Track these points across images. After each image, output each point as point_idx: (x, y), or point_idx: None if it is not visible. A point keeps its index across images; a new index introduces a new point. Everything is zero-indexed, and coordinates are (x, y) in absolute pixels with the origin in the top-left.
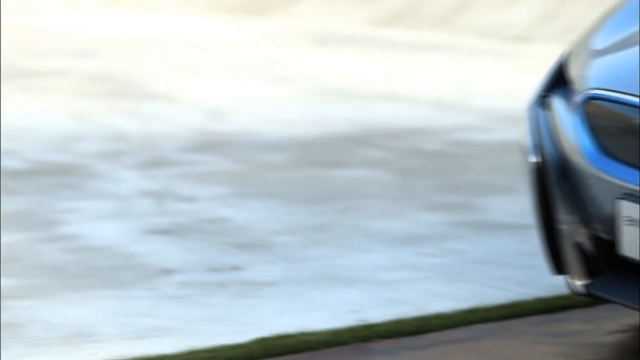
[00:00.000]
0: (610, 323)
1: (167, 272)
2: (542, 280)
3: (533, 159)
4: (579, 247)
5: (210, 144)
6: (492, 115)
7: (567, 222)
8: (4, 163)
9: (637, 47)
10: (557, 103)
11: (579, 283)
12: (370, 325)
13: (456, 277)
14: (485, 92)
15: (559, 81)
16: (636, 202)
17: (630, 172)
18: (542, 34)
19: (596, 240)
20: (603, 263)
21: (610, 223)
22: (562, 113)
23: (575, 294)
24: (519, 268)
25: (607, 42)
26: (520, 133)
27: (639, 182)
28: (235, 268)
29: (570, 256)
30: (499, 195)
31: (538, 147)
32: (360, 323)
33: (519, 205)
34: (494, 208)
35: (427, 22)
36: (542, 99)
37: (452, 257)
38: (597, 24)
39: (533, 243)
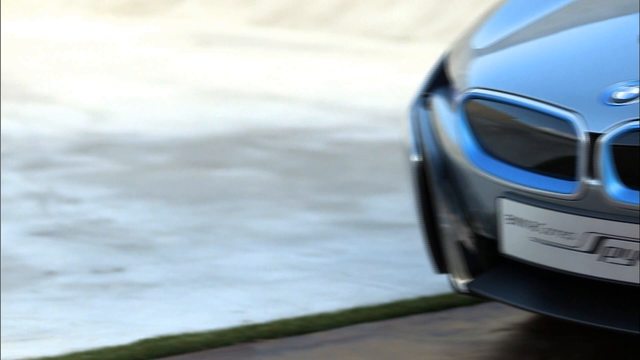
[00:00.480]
0: (493, 321)
1: (49, 274)
2: (425, 279)
3: (414, 158)
4: (461, 246)
5: (92, 145)
6: (375, 115)
7: (449, 221)
8: None
9: (517, 47)
10: (438, 102)
11: (461, 282)
12: (254, 326)
13: (339, 276)
14: (368, 92)
15: (440, 80)
16: (517, 200)
17: (511, 170)
18: (423, 33)
19: (478, 238)
20: (485, 261)
21: (492, 221)
22: (443, 112)
23: (458, 292)
24: (402, 267)
25: (487, 41)
26: (402, 132)
27: (520, 180)
28: (118, 269)
29: (453, 255)
30: (381, 194)
31: (419, 147)
32: (244, 323)
33: (402, 204)
34: (376, 207)
35: (309, 22)
36: (424, 99)
37: (335, 256)
38: (478, 24)
39: (416, 242)
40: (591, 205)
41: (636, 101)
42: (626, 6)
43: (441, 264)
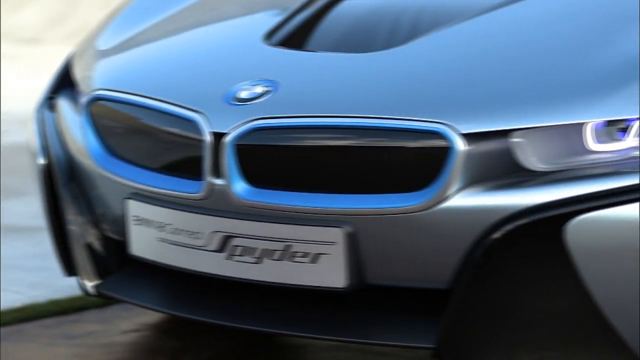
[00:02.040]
0: (124, 322)
1: None
2: (56, 282)
3: (40, 160)
4: (89, 248)
5: None
6: (4, 119)
7: (76, 223)
8: None
9: (142, 47)
10: (63, 104)
11: (90, 284)
12: None
13: None
14: None
15: (65, 82)
16: (143, 201)
17: (137, 171)
18: (53, 35)
19: (106, 240)
20: (114, 263)
21: (120, 223)
22: (69, 114)
23: (87, 295)
24: (33, 270)
25: (111, 42)
26: (29, 135)
27: (146, 181)
28: None
29: (81, 257)
30: (11, 198)
31: (45, 149)
32: None
33: (32, 207)
34: (5, 211)
35: None
36: (49, 101)
37: None
38: (102, 25)
39: (47, 245)
40: (217, 205)
41: (259, 100)
42: (251, 6)
43: (70, 267)
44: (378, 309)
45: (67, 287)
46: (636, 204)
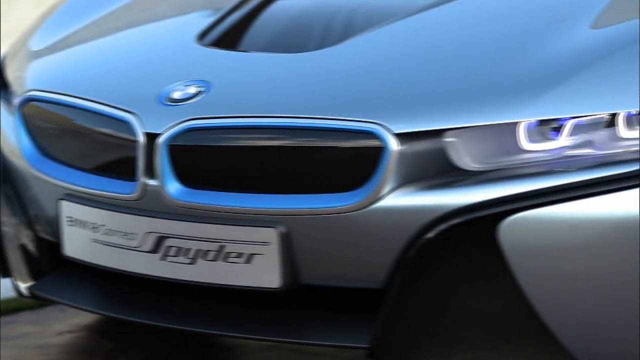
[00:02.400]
0: (59, 324)
1: None
2: None
3: None
4: (23, 249)
5: None
6: None
7: (10, 225)
8: None
9: (75, 47)
10: None
11: (23, 285)
12: None
13: None
14: None
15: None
16: (77, 202)
17: (70, 172)
18: None
19: (40, 241)
20: (48, 264)
21: (54, 224)
22: (2, 115)
23: (22, 296)
24: None
25: (44, 43)
26: None
27: (79, 182)
28: None
29: (14, 258)
30: None
31: None
32: None
33: None
34: None
35: None
36: None
37: None
38: (35, 25)
39: None
40: (151, 205)
41: (193, 100)
42: (184, 6)
43: (4, 268)
44: (313, 309)
45: (2, 288)
46: (568, 203)
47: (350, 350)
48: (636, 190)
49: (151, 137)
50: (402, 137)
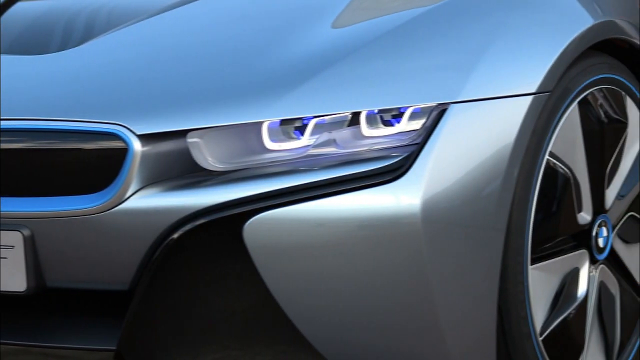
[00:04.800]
0: None
1: None
2: None
3: None
4: None
5: None
6: None
7: None
8: None
9: None
10: None
11: None
12: None
13: None
14: None
15: None
16: None
17: None
18: None
19: None
20: None
21: None
22: None
23: None
24: None
25: None
26: None
27: None
28: None
29: None
30: None
31: None
32: None
33: None
34: None
35: None
36: None
37: None
38: None
39: None
40: None
41: None
42: None
43: None
44: (61, 312)
45: None
46: (313, 202)
47: (99, 353)
48: (379, 188)
49: None
50: (146, 138)
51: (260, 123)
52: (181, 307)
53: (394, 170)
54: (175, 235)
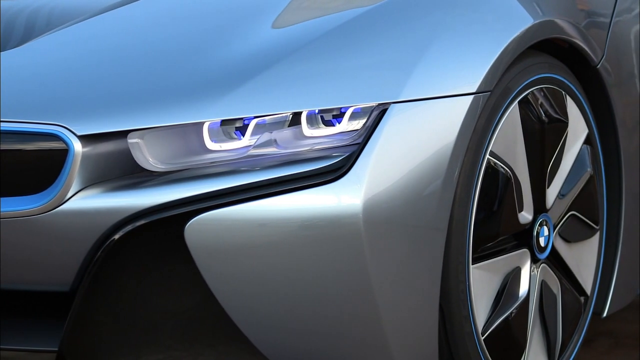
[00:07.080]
0: None
1: None
2: None
3: None
4: None
5: None
6: None
7: None
8: None
9: None
10: None
11: None
12: None
13: None
14: None
15: None
16: None
17: None
18: None
19: None
20: None
21: None
22: None
23: None
24: None
25: None
26: None
27: None
28: None
29: None
30: None
31: None
32: None
33: None
34: None
35: None
36: None
37: None
38: None
39: None
40: None
41: None
42: None
43: None
44: (4, 313)
45: None
46: (254, 202)
47: (42, 355)
48: (321, 188)
49: None
50: (86, 139)
51: (201, 123)
52: (123, 307)
53: (335, 170)
54: (117, 236)
